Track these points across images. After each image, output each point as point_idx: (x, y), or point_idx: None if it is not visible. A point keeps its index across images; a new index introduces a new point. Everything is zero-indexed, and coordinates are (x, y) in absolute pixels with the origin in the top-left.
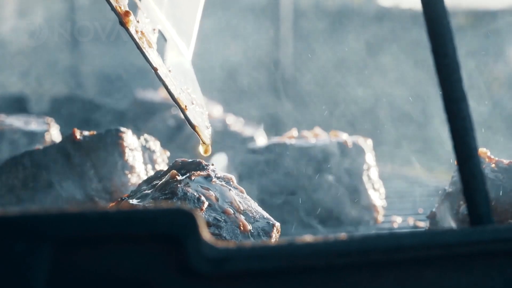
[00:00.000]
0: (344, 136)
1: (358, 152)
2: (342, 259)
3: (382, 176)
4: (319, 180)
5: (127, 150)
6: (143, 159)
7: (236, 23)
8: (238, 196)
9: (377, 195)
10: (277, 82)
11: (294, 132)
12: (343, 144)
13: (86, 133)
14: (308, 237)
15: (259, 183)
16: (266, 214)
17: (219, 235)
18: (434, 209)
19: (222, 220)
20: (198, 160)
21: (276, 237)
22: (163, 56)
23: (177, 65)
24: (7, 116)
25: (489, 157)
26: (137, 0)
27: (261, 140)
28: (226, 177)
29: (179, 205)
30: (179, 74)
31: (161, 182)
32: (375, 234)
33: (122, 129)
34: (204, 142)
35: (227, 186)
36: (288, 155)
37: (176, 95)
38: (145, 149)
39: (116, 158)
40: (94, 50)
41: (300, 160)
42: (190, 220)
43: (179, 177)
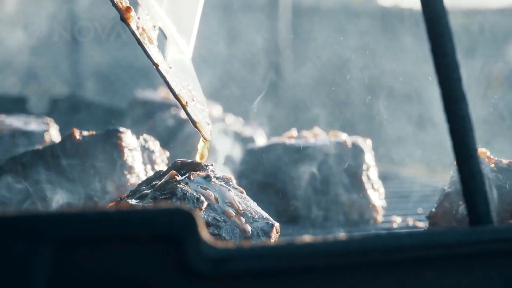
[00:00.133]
0: (344, 136)
1: (358, 152)
2: (342, 259)
3: (382, 176)
4: (319, 180)
5: (126, 150)
6: (143, 159)
7: (235, 22)
8: (238, 196)
9: (377, 195)
10: (276, 81)
11: (294, 132)
12: (343, 144)
13: (86, 133)
14: (308, 237)
15: (259, 183)
16: (266, 215)
17: (219, 235)
18: (434, 209)
19: (222, 220)
20: (198, 161)
21: (276, 237)
22: (164, 53)
23: (178, 63)
24: (7, 116)
25: (489, 157)
26: None
27: (261, 140)
28: (226, 177)
29: (179, 205)
30: (180, 71)
31: (161, 182)
32: (375, 234)
33: (122, 129)
34: (205, 139)
35: (227, 186)
36: (288, 155)
37: (177, 91)
38: (145, 149)
39: (116, 158)
40: (94, 50)
41: (299, 160)
42: (190, 220)
43: (179, 177)
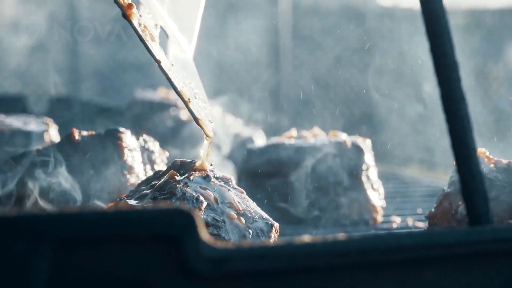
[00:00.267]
0: (343, 136)
1: (357, 152)
2: (341, 259)
3: (381, 176)
4: (318, 180)
5: (126, 151)
6: (142, 160)
7: (235, 22)
8: (237, 197)
9: (376, 195)
10: (276, 79)
11: (293, 132)
12: (342, 144)
13: (85, 134)
14: (307, 238)
15: (258, 184)
16: (265, 215)
17: (218, 235)
18: (433, 209)
19: (221, 220)
20: (197, 160)
21: (275, 237)
22: (166, 52)
23: (179, 61)
24: (6, 116)
25: (488, 157)
26: None
27: (260, 141)
28: (225, 178)
29: (178, 205)
30: (181, 70)
31: (160, 182)
32: (374, 234)
33: (121, 130)
34: (208, 136)
35: (226, 187)
36: (287, 155)
37: (180, 88)
38: (144, 150)
39: (115, 159)
40: (94, 50)
41: (299, 160)
42: (189, 220)
43: (178, 177)
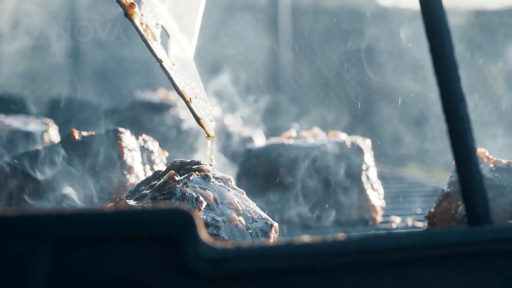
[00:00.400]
0: (343, 136)
1: (357, 152)
2: (341, 260)
3: (381, 176)
4: (318, 180)
5: (126, 151)
6: (142, 160)
7: (235, 22)
8: (237, 197)
9: (376, 195)
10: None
11: (293, 132)
12: (342, 144)
13: (85, 134)
14: (307, 238)
15: (257, 184)
16: (265, 215)
17: (218, 236)
18: (433, 209)
19: (221, 221)
20: (197, 161)
21: (275, 238)
22: (167, 51)
23: (180, 60)
24: (6, 117)
25: (488, 157)
26: None
27: (260, 141)
28: (225, 178)
29: (177, 206)
30: (182, 69)
31: (160, 183)
32: (374, 234)
33: (121, 130)
34: (209, 135)
35: (226, 187)
36: (287, 156)
37: (181, 88)
38: (144, 150)
39: (115, 159)
40: (94, 50)
41: (299, 161)
42: (188, 221)
43: (178, 178)
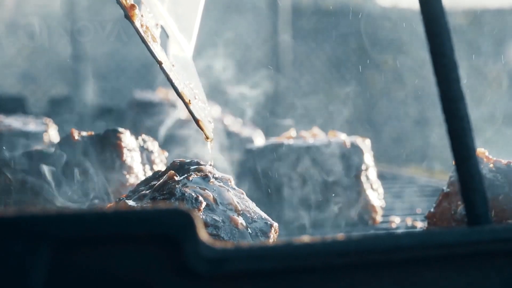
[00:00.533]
0: (343, 136)
1: (357, 152)
2: (340, 260)
3: (381, 176)
4: (318, 180)
5: (125, 151)
6: (141, 160)
7: (235, 21)
8: (236, 197)
9: (376, 195)
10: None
11: (292, 132)
12: (342, 144)
13: (84, 134)
14: (306, 238)
15: (257, 184)
16: (264, 215)
17: (217, 236)
18: (432, 209)
19: (220, 221)
20: (196, 161)
21: (274, 238)
22: (166, 51)
23: (179, 61)
24: (6, 117)
25: (487, 157)
26: None
27: (259, 141)
28: (224, 178)
29: (177, 206)
30: (181, 70)
31: (159, 183)
32: (373, 234)
33: (120, 130)
34: (207, 137)
35: (225, 187)
36: (286, 156)
37: (180, 89)
38: (143, 150)
39: (114, 159)
40: (94, 50)
41: (298, 161)
42: (188, 221)
43: (177, 178)
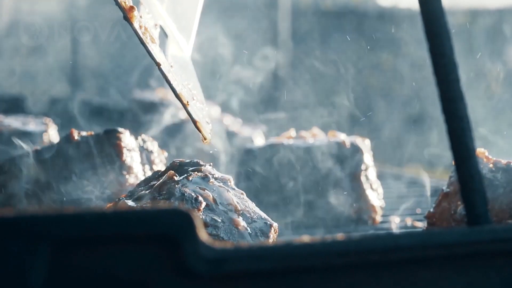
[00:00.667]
0: (342, 136)
1: (356, 152)
2: (340, 260)
3: (380, 176)
4: (317, 181)
5: (125, 151)
6: (141, 160)
7: (234, 21)
8: (236, 197)
9: (375, 195)
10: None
11: (292, 133)
12: (341, 144)
13: (84, 134)
14: (306, 238)
15: (257, 184)
16: (264, 215)
17: (217, 236)
18: (432, 209)
19: (220, 221)
20: (196, 161)
21: (274, 238)
22: (164, 52)
23: (178, 61)
24: (5, 116)
25: (487, 157)
26: None
27: (259, 141)
28: (224, 178)
29: (177, 206)
30: (180, 70)
31: (159, 183)
32: (373, 235)
33: (120, 130)
34: (205, 138)
35: (225, 187)
36: (286, 156)
37: (178, 91)
38: (143, 150)
39: (114, 159)
40: (94, 50)
41: (298, 161)
42: (188, 221)
43: (177, 178)
